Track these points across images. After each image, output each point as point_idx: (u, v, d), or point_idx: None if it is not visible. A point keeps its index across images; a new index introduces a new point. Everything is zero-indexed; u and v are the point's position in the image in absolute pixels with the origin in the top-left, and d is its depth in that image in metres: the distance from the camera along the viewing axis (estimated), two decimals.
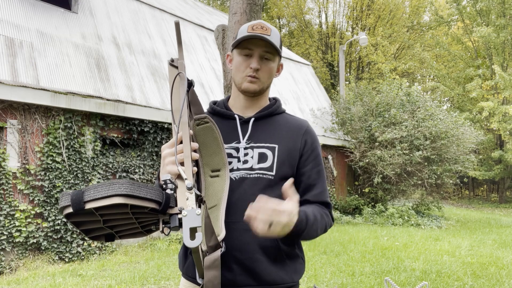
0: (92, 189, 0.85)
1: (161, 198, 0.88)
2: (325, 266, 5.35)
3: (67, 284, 4.46)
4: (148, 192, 0.87)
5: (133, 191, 0.85)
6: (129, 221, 0.95)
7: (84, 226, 0.95)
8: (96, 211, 0.87)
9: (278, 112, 1.37)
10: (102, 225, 0.95)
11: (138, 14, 8.49)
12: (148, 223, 0.99)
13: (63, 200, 0.87)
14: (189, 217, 0.80)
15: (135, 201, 0.85)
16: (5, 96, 5.18)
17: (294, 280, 1.26)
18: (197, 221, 0.79)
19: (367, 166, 11.09)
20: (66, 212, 0.87)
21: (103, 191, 0.84)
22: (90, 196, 0.84)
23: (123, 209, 0.88)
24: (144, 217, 0.94)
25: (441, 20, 21.59)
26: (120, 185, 0.84)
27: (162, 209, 0.89)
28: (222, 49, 3.40)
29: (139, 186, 0.86)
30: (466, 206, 19.43)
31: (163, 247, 6.58)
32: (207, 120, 1.20)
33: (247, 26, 1.24)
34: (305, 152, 1.31)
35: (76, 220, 0.91)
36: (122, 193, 0.84)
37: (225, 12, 22.03)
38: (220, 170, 1.18)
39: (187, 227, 0.79)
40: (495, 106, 17.02)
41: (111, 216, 0.92)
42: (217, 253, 0.95)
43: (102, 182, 0.86)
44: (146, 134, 6.88)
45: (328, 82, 25.26)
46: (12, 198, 5.29)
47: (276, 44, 1.23)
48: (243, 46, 1.25)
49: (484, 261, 5.80)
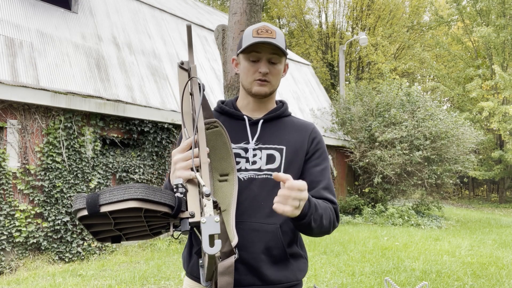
0: (108, 193, 0.86)
1: (174, 203, 0.89)
2: (325, 266, 5.35)
3: (67, 284, 4.46)
4: (162, 197, 0.88)
5: (148, 196, 0.85)
6: (140, 224, 0.96)
7: (95, 228, 0.95)
8: (110, 214, 0.87)
9: (285, 114, 1.40)
10: (112, 228, 0.95)
11: (138, 14, 8.48)
12: (157, 226, 1.00)
13: (78, 202, 0.87)
14: (208, 224, 0.79)
15: (149, 205, 0.86)
16: (5, 96, 5.18)
17: (299, 278, 1.27)
18: (216, 228, 0.79)
19: (367, 166, 11.09)
20: (81, 214, 0.87)
21: (118, 194, 0.85)
22: (106, 199, 0.85)
23: (137, 212, 0.88)
24: (155, 220, 0.95)
25: (441, 20, 21.58)
26: (136, 189, 0.85)
27: (175, 213, 0.90)
28: (222, 49, 3.39)
29: (154, 191, 0.87)
30: (466, 206, 19.42)
31: (163, 247, 6.58)
32: (216, 124, 1.20)
33: (252, 31, 1.25)
34: (310, 151, 1.34)
35: (89, 222, 0.92)
36: (138, 197, 0.84)
37: (225, 12, 22.03)
38: (229, 175, 1.19)
39: (207, 234, 0.78)
40: (495, 106, 17.02)
41: (124, 219, 0.93)
42: (231, 260, 0.96)
43: (117, 186, 0.86)
44: (146, 134, 6.87)
45: (328, 82, 25.25)
46: (12, 198, 5.29)
47: (282, 47, 1.25)
48: (249, 51, 1.26)
49: (484, 261, 5.80)
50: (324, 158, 1.35)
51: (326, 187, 1.29)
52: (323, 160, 1.35)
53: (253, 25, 1.27)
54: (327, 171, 1.34)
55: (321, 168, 1.32)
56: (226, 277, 0.93)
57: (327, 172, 1.34)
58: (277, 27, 1.32)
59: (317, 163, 1.32)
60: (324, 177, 1.31)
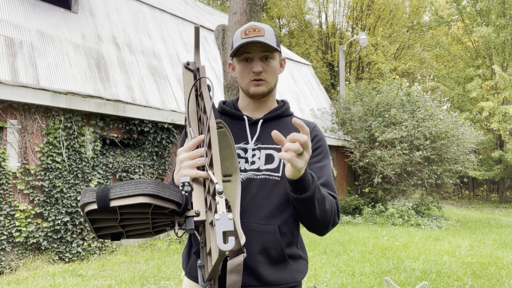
0: (118, 187, 0.85)
1: (182, 200, 0.90)
2: (325, 266, 5.35)
3: (67, 284, 4.46)
4: (171, 194, 0.88)
5: (158, 192, 0.85)
6: (145, 221, 0.96)
7: (99, 223, 0.94)
8: (119, 210, 0.87)
9: (287, 114, 1.39)
10: (116, 224, 0.95)
11: (138, 14, 8.49)
12: (161, 224, 1.00)
13: (87, 196, 0.87)
14: (221, 221, 0.80)
15: (159, 202, 0.86)
16: (5, 96, 5.18)
17: (297, 279, 1.26)
18: (230, 225, 0.79)
19: (367, 166, 11.09)
20: (90, 208, 0.86)
21: (130, 189, 0.84)
22: (116, 194, 0.85)
23: (145, 208, 0.88)
24: (160, 217, 0.95)
25: (441, 20, 21.57)
26: (147, 185, 0.85)
27: (181, 211, 0.90)
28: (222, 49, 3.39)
29: (163, 187, 0.87)
30: (466, 206, 19.42)
31: (163, 247, 6.58)
32: (221, 125, 1.20)
33: (240, 32, 1.25)
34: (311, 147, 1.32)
35: (95, 217, 0.91)
36: (149, 192, 0.84)
37: (225, 12, 22.03)
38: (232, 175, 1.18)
39: (220, 231, 0.79)
40: (495, 106, 17.02)
41: (130, 215, 0.92)
42: (240, 258, 0.95)
43: (128, 181, 0.86)
44: (146, 134, 6.87)
45: (328, 82, 25.25)
46: (12, 198, 5.29)
47: (272, 43, 1.23)
48: (240, 52, 1.26)
49: (484, 261, 5.80)
50: (325, 155, 1.34)
51: (325, 183, 1.27)
52: (324, 158, 1.34)
53: (242, 27, 1.27)
54: (327, 168, 1.32)
55: (321, 164, 1.31)
56: (235, 275, 0.93)
57: (328, 169, 1.32)
58: (266, 24, 1.30)
59: (317, 160, 1.31)
60: (324, 174, 1.30)
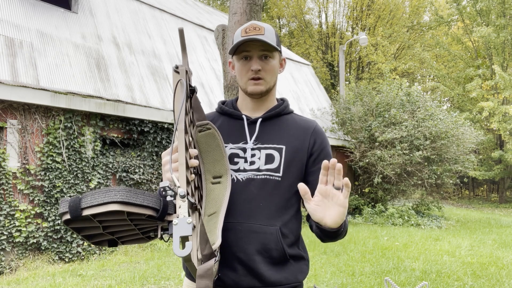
0: (90, 196, 0.85)
1: (159, 205, 0.88)
2: (325, 266, 5.35)
3: (67, 284, 4.46)
4: (145, 199, 0.87)
5: (129, 198, 0.85)
6: (129, 228, 0.95)
7: (85, 232, 0.95)
8: (93, 218, 0.87)
9: (286, 112, 1.37)
10: (102, 231, 0.95)
11: (138, 14, 8.48)
12: (148, 229, 0.99)
13: (62, 206, 0.87)
14: (179, 225, 0.79)
15: (131, 208, 0.85)
16: (5, 96, 5.18)
17: (299, 279, 1.26)
18: (187, 229, 0.79)
19: (367, 166, 11.09)
20: (65, 218, 0.87)
21: (99, 198, 0.84)
22: (87, 203, 0.85)
23: (120, 216, 0.88)
24: (143, 223, 0.94)
25: (441, 20, 21.57)
26: (117, 192, 0.84)
27: (160, 216, 0.88)
28: (222, 49, 3.40)
29: (136, 193, 0.86)
30: (466, 206, 19.42)
31: (163, 247, 6.58)
32: (209, 126, 1.19)
33: (240, 30, 1.24)
34: (314, 152, 1.31)
35: (76, 226, 0.91)
36: (118, 200, 0.83)
37: (225, 12, 22.03)
38: (222, 177, 1.18)
39: (177, 235, 0.78)
40: (495, 106, 17.01)
41: (110, 223, 0.92)
42: (210, 263, 0.93)
43: (100, 189, 0.86)
44: (146, 134, 6.87)
45: (328, 82, 25.25)
46: (12, 198, 5.29)
47: (271, 42, 1.22)
48: (240, 50, 1.25)
49: (484, 261, 5.80)
50: (328, 158, 1.33)
51: None
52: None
53: (242, 25, 1.26)
54: None
55: None
56: (205, 280, 0.90)
57: None
58: (267, 23, 1.30)
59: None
60: None
